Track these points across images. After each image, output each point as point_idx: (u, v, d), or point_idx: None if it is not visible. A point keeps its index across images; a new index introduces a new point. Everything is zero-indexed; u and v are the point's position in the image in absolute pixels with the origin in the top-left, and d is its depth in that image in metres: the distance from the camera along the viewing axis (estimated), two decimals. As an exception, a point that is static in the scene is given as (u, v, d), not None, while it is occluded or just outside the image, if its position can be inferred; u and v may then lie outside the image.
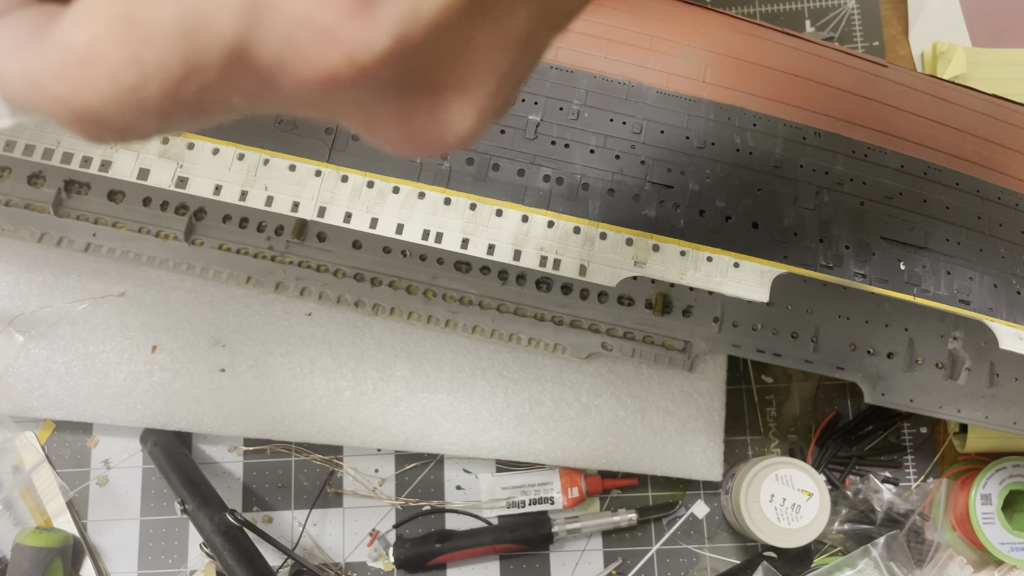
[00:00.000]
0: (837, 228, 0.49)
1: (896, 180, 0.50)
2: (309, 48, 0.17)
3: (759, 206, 0.49)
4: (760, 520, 0.55)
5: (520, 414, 0.58)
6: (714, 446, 0.59)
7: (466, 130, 0.21)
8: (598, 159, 0.50)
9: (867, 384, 0.47)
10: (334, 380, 0.58)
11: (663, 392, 0.58)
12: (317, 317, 0.59)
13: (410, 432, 0.58)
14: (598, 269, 0.49)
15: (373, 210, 0.49)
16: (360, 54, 0.17)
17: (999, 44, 0.65)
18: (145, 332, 0.59)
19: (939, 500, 0.58)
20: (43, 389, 0.59)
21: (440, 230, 0.49)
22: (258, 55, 0.17)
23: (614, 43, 0.51)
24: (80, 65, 0.17)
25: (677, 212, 0.49)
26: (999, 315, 0.49)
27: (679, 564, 0.61)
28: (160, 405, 0.58)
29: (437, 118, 0.21)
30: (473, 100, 0.21)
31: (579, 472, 0.61)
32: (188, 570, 0.61)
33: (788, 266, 0.48)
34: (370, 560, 0.61)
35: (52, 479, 0.61)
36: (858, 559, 0.56)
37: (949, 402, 0.47)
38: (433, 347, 0.59)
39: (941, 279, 0.49)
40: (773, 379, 0.63)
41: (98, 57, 0.17)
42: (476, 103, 0.21)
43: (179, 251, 0.51)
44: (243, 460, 0.62)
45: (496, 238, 0.49)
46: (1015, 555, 0.56)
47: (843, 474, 0.61)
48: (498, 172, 0.49)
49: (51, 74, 0.18)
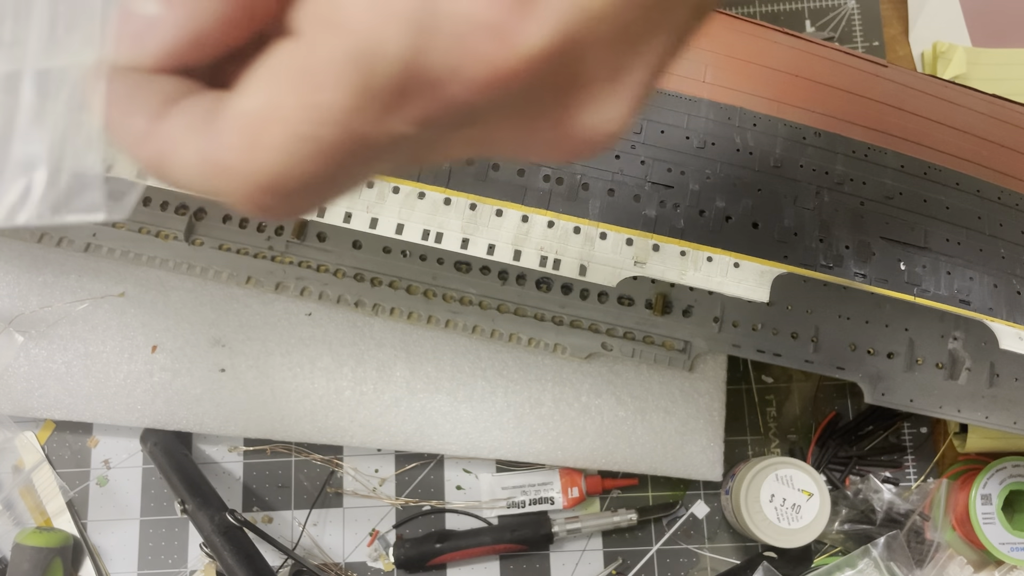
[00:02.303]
0: (837, 228, 0.49)
1: (896, 180, 0.50)
2: (477, 47, 0.17)
3: (759, 206, 0.49)
4: (760, 520, 0.55)
5: (520, 414, 0.58)
6: (714, 446, 0.59)
7: (617, 125, 0.20)
8: (598, 159, 0.49)
9: (867, 384, 0.47)
10: (334, 380, 0.58)
11: (663, 392, 0.58)
12: (317, 317, 0.59)
13: (410, 432, 0.58)
14: (598, 269, 0.49)
15: (373, 210, 0.49)
16: (526, 46, 0.17)
17: (999, 44, 0.65)
18: (145, 332, 0.59)
19: (939, 500, 0.58)
20: (43, 389, 0.59)
21: (440, 230, 0.49)
22: (428, 65, 0.17)
23: (614, 43, 0.51)
24: (256, 129, 0.18)
25: (677, 212, 0.49)
26: (999, 315, 0.49)
27: (679, 564, 0.61)
28: (160, 405, 0.58)
29: (588, 114, 0.20)
30: (625, 92, 0.20)
31: (579, 472, 0.61)
32: (188, 570, 0.61)
33: (788, 266, 0.48)
34: (370, 560, 0.61)
35: (52, 479, 0.61)
36: (858, 559, 0.56)
37: (949, 402, 0.47)
38: (433, 347, 0.59)
39: (941, 279, 0.49)
40: (773, 379, 0.63)
41: (274, 115, 0.18)
42: (628, 95, 0.20)
43: (179, 251, 0.51)
44: (243, 460, 0.62)
45: (496, 238, 0.49)
46: (1015, 555, 0.56)
47: (843, 474, 0.60)
48: (498, 172, 0.49)
49: (228, 147, 0.18)
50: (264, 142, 0.18)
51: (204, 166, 0.19)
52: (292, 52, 0.18)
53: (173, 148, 0.20)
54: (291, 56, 0.18)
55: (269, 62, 0.18)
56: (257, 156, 0.18)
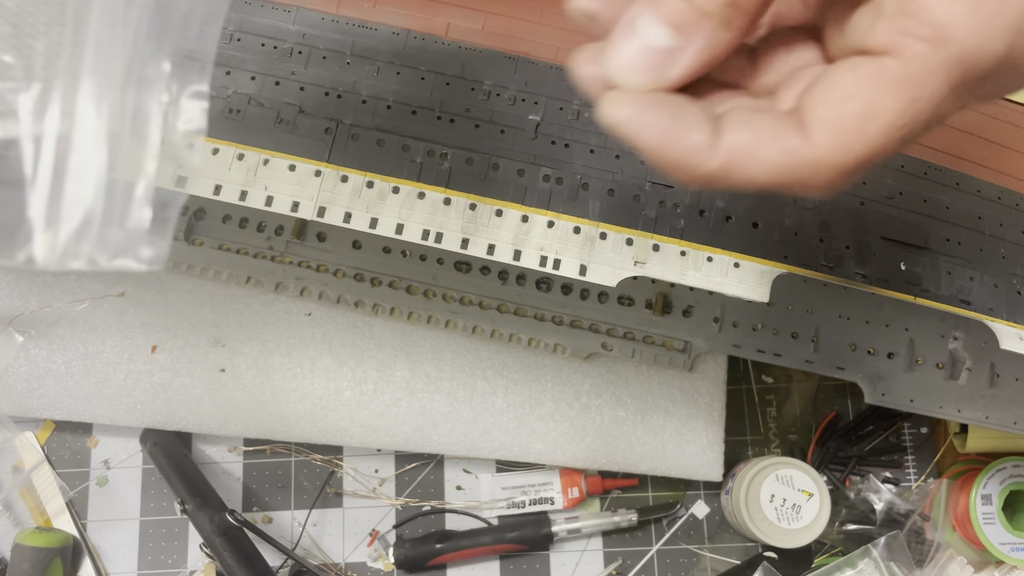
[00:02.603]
0: (837, 228, 0.49)
1: (896, 180, 0.50)
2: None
3: (759, 206, 0.49)
4: (760, 520, 0.55)
5: (520, 414, 0.58)
6: (714, 446, 0.59)
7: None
8: (598, 159, 0.49)
9: (867, 384, 0.47)
10: (334, 380, 0.58)
11: (663, 392, 0.58)
12: (317, 317, 0.59)
13: (410, 432, 0.58)
14: (598, 269, 0.49)
15: (373, 210, 0.49)
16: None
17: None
18: (145, 332, 0.59)
19: (939, 500, 0.58)
20: (43, 389, 0.59)
21: (440, 230, 0.49)
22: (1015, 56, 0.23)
23: (614, 43, 0.51)
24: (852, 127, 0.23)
25: (677, 212, 0.49)
26: (999, 315, 0.49)
27: (679, 564, 0.61)
28: (160, 405, 0.58)
29: None
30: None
31: (579, 472, 0.61)
32: (188, 570, 0.61)
33: (788, 266, 0.48)
34: (370, 560, 0.61)
35: (52, 479, 0.61)
36: (858, 559, 0.56)
37: (949, 402, 0.47)
38: (433, 347, 0.59)
39: (941, 279, 0.49)
40: (773, 379, 0.63)
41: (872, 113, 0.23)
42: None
43: (179, 251, 0.51)
44: (243, 460, 0.62)
45: (496, 238, 0.49)
46: (1015, 555, 0.56)
47: (843, 474, 0.60)
48: (498, 172, 0.49)
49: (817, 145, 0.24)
50: (859, 136, 0.23)
51: (788, 163, 0.24)
52: (889, 67, 0.23)
53: (749, 152, 0.24)
54: (889, 69, 0.23)
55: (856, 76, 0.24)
56: (850, 148, 0.23)
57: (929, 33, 0.23)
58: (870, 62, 0.23)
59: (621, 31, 0.25)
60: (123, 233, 0.29)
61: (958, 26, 0.22)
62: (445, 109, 0.50)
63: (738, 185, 0.25)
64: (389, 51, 0.50)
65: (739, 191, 0.27)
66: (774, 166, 0.24)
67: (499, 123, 0.50)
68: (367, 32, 0.51)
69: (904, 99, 0.23)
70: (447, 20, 0.51)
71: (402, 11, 0.51)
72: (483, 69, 0.50)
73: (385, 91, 0.50)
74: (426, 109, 0.50)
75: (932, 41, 0.23)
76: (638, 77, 0.25)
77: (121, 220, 0.29)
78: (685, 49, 0.24)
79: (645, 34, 0.24)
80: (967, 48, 0.23)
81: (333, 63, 0.50)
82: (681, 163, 0.25)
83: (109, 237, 0.28)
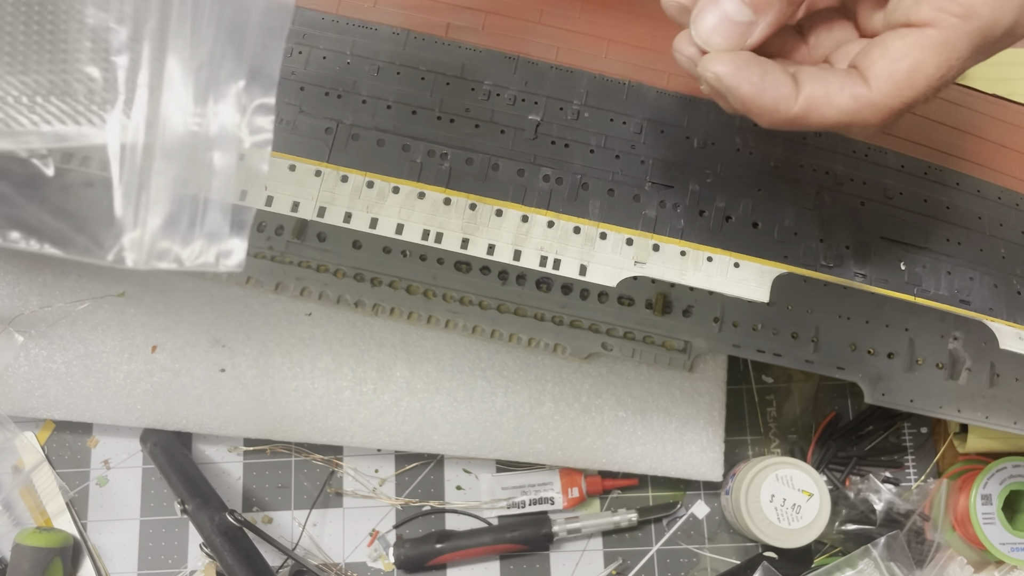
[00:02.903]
0: (837, 228, 0.49)
1: (896, 180, 0.50)
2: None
3: (759, 206, 0.49)
4: (760, 520, 0.55)
5: (520, 414, 0.58)
6: (714, 446, 0.59)
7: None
8: (598, 159, 0.49)
9: (867, 384, 0.47)
10: (334, 380, 0.58)
11: (663, 392, 0.58)
12: (317, 317, 0.59)
13: (410, 432, 0.58)
14: (598, 269, 0.49)
15: (373, 210, 0.49)
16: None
17: (999, 44, 0.65)
18: (145, 332, 0.59)
19: (939, 500, 0.58)
20: (43, 389, 0.59)
21: (440, 230, 0.49)
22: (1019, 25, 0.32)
23: (614, 43, 0.51)
24: (904, 78, 0.32)
25: (677, 212, 0.49)
26: (999, 315, 0.49)
27: (679, 564, 0.61)
28: (160, 405, 0.58)
29: None
30: None
31: (579, 472, 0.61)
32: (188, 570, 0.61)
33: (788, 266, 0.48)
34: (370, 560, 0.61)
35: (52, 479, 0.61)
36: (858, 559, 0.56)
37: (949, 402, 0.47)
38: (433, 347, 0.59)
39: (941, 279, 0.49)
40: (773, 379, 0.63)
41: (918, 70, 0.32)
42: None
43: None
44: (243, 460, 0.62)
45: (496, 238, 0.49)
46: (1015, 555, 0.56)
47: (843, 474, 0.60)
48: (498, 172, 0.49)
49: (878, 91, 0.32)
50: (909, 84, 0.32)
51: (854, 106, 0.32)
52: (930, 35, 0.31)
53: (824, 98, 0.32)
54: (930, 37, 0.31)
55: (905, 42, 0.32)
56: (902, 94, 0.32)
57: (960, 10, 0.31)
58: (915, 32, 0.32)
59: (706, 2, 0.34)
60: (204, 236, 0.32)
61: (981, 4, 0.31)
62: (445, 109, 0.50)
63: (812, 125, 0.33)
64: (389, 51, 0.50)
65: (810, 130, 0.34)
66: (844, 108, 0.32)
67: (499, 123, 0.50)
68: (367, 32, 0.51)
69: (942, 58, 0.32)
70: (447, 20, 0.51)
71: (402, 11, 0.51)
72: (483, 69, 0.50)
73: (385, 91, 0.50)
74: (426, 109, 0.50)
75: (962, 16, 0.31)
76: (721, 41, 0.34)
77: (201, 224, 0.32)
78: (759, 22, 0.34)
79: (727, 8, 0.33)
80: (987, 20, 0.31)
81: (333, 63, 0.50)
82: (770, 108, 0.33)
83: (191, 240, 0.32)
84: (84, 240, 0.31)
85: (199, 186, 0.32)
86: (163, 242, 0.31)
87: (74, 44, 0.32)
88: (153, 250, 0.31)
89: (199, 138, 0.32)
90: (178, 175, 0.32)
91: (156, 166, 0.31)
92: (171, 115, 0.32)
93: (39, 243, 0.32)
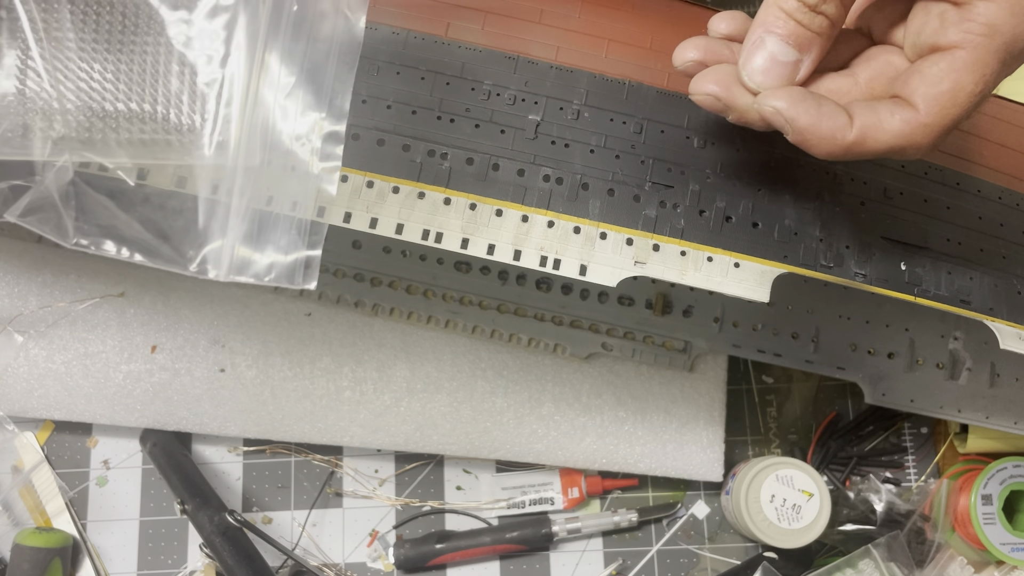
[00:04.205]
0: (838, 228, 0.49)
1: (896, 180, 0.50)
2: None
3: (759, 206, 0.49)
4: (760, 520, 0.55)
5: (520, 414, 0.58)
6: (714, 446, 0.59)
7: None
8: (598, 159, 0.49)
9: (868, 384, 0.47)
10: (334, 380, 0.58)
11: (663, 392, 0.58)
12: (317, 317, 0.59)
13: (410, 432, 0.58)
14: (598, 269, 0.49)
15: (373, 210, 0.49)
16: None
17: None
18: (145, 332, 0.59)
19: (940, 500, 0.58)
20: (43, 389, 0.59)
21: (440, 230, 0.49)
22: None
23: (614, 43, 0.51)
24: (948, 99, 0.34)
25: (677, 212, 0.49)
26: (1000, 315, 0.49)
27: (679, 565, 0.61)
28: (160, 405, 0.58)
29: None
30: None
31: (579, 472, 0.61)
32: (188, 570, 0.61)
33: (788, 266, 0.48)
34: (370, 560, 0.61)
35: (51, 479, 0.61)
36: (859, 560, 0.56)
37: (950, 402, 0.47)
38: (433, 347, 0.59)
39: (942, 279, 0.49)
40: (773, 379, 0.63)
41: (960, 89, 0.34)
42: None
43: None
44: (243, 460, 0.62)
45: (496, 238, 0.49)
46: (1016, 555, 0.56)
47: (844, 474, 0.60)
48: (498, 172, 0.49)
49: (926, 113, 0.34)
50: (953, 104, 0.34)
51: (906, 129, 0.34)
52: (961, 56, 0.34)
53: (876, 125, 0.34)
54: (962, 58, 0.34)
55: (941, 66, 0.34)
56: (948, 113, 0.34)
57: (984, 29, 0.34)
58: (947, 55, 0.34)
59: (753, 46, 0.36)
60: (281, 253, 0.35)
61: (1003, 22, 0.33)
62: (445, 109, 0.50)
63: (868, 151, 0.35)
64: (389, 51, 0.50)
65: (865, 157, 0.35)
66: (897, 131, 0.34)
67: (499, 123, 0.50)
68: (367, 32, 0.51)
69: (977, 75, 0.34)
70: (447, 20, 0.51)
71: (402, 11, 0.51)
72: (483, 69, 0.50)
73: (385, 91, 0.50)
74: (426, 109, 0.50)
75: (987, 35, 0.34)
76: (772, 81, 0.36)
77: (278, 242, 0.35)
78: (804, 60, 0.36)
79: (773, 49, 0.36)
80: (1009, 36, 0.34)
81: (333, 63, 0.50)
82: (827, 137, 0.35)
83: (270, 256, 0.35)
84: (168, 250, 0.34)
85: (279, 205, 0.35)
86: (243, 255, 0.34)
87: (165, 68, 0.35)
88: (233, 263, 0.32)
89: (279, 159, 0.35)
90: (258, 193, 0.35)
91: (239, 184, 0.34)
92: (254, 137, 0.35)
93: (129, 252, 0.34)
